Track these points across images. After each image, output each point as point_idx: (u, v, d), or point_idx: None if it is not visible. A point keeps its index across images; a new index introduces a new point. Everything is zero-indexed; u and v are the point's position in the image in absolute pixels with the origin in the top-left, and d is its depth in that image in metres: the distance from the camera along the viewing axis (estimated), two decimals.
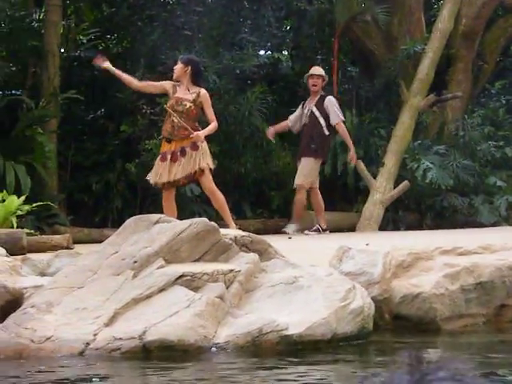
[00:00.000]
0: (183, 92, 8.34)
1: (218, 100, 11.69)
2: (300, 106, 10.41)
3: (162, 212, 7.15)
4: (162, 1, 11.70)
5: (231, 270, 4.74)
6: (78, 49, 12.11)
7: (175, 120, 8.21)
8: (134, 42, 11.78)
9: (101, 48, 12.16)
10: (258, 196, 11.30)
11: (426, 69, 12.11)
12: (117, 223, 10.10)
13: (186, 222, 5.03)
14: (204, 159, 8.28)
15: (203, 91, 8.43)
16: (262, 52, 12.95)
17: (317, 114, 10.14)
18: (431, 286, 5.01)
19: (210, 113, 8.47)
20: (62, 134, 11.11)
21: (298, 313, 4.45)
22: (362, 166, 11.63)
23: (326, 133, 10.19)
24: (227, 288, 4.64)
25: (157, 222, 5.15)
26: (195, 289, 4.55)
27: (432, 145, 12.04)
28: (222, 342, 4.23)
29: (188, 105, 8.27)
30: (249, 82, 10.76)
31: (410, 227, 11.34)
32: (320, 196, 10.12)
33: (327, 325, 4.39)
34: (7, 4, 10.25)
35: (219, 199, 8.53)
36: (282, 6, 12.89)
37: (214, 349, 4.20)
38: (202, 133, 8.34)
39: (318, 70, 10.37)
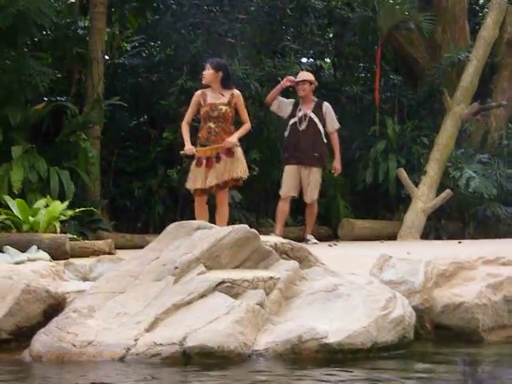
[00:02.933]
0: (216, 97, 8.34)
1: (259, 107, 11.73)
2: (292, 102, 10.21)
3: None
4: (206, 8, 11.77)
5: (271, 277, 4.74)
6: (121, 56, 12.23)
7: (212, 126, 8.22)
8: (177, 49, 11.87)
9: (144, 55, 12.26)
10: (298, 203, 11.29)
11: (469, 77, 12.03)
12: (158, 229, 10.17)
13: (227, 229, 5.04)
14: (239, 167, 8.27)
15: (237, 92, 8.44)
16: (304, 59, 12.96)
17: (316, 120, 10.02)
18: (473, 296, 4.96)
19: (243, 114, 8.48)
20: (106, 140, 11.23)
21: (338, 321, 4.43)
22: (404, 174, 11.58)
23: (325, 141, 10.13)
24: (267, 295, 4.64)
25: (197, 228, 5.18)
26: (235, 295, 4.56)
27: (475, 153, 11.95)
28: (262, 349, 4.23)
29: (224, 108, 8.28)
30: (291, 89, 10.77)
31: (452, 236, 11.26)
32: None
33: (367, 333, 4.37)
34: (53, 11, 10.38)
35: (227, 213, 8.48)
36: (325, 14, 12.89)
37: (253, 356, 4.20)
38: (234, 137, 8.33)
39: (304, 76, 10.24)
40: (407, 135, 12.27)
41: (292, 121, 10.05)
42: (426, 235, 11.33)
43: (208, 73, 8.42)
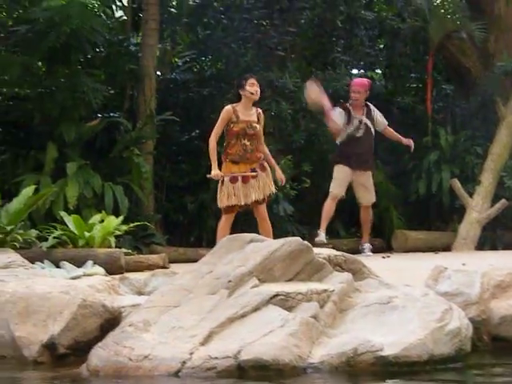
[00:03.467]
0: (247, 114, 8.19)
1: (310, 120, 11.72)
2: (341, 111, 10.24)
3: (254, 231, 7.14)
4: (256, 22, 11.81)
5: (325, 290, 4.73)
6: (173, 71, 12.34)
7: (247, 143, 8.13)
8: (227, 63, 11.93)
9: (195, 70, 12.36)
10: (350, 215, 11.24)
11: None
12: (211, 242, 10.20)
13: (280, 242, 5.04)
14: (271, 182, 8.27)
15: (260, 110, 8.37)
16: (354, 71, 12.93)
17: (370, 125, 10.22)
18: None
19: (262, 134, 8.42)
20: (158, 155, 11.32)
21: (393, 333, 4.39)
22: (457, 184, 11.46)
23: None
24: (321, 308, 4.62)
25: (250, 241, 5.19)
26: (289, 308, 4.55)
27: None
28: (317, 362, 4.22)
29: (257, 127, 8.21)
30: (341, 100, 10.75)
31: (508, 246, 11.09)
32: None
33: (423, 346, 4.32)
34: (105, 29, 10.53)
35: (270, 227, 8.37)
36: (375, 25, 12.84)
37: (308, 369, 4.19)
38: (280, 173, 8.40)
39: (359, 84, 10.37)
40: (460, 145, 12.15)
41: (350, 129, 10.18)
42: (480, 246, 11.18)
43: (258, 89, 8.24)
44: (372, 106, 10.34)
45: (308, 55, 12.44)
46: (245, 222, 10.12)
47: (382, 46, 13.59)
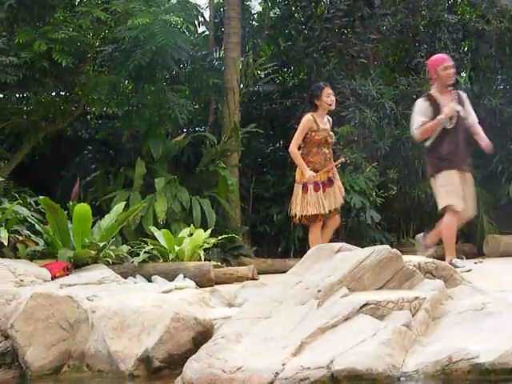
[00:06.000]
0: (324, 122, 8.23)
1: (395, 126, 11.62)
2: (427, 102, 7.74)
3: (342, 240, 7.11)
4: (337, 31, 11.80)
5: (416, 298, 4.67)
6: (256, 83, 12.43)
7: (326, 152, 8.15)
8: (309, 73, 11.94)
9: (278, 81, 12.41)
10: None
11: None
12: (298, 253, 10.21)
13: (369, 250, 5.00)
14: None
15: (330, 118, 8.37)
16: None
17: (462, 114, 7.91)
18: None
19: None
20: (243, 167, 11.40)
21: (489, 340, 4.31)
22: None
23: None
24: (413, 316, 4.57)
25: (338, 250, 5.17)
26: (380, 317, 4.52)
27: None
28: (411, 370, 4.16)
29: (333, 135, 8.26)
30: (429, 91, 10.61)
31: None
32: None
33: None
34: (189, 45, 10.68)
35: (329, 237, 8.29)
36: (459, 28, 12.66)
37: (402, 378, 4.14)
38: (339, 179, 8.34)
39: (448, 58, 8.03)
40: None
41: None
42: None
43: (334, 98, 8.24)
44: (461, 92, 8.26)
45: (391, 61, 12.35)
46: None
47: (466, 49, 13.38)
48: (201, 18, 12.49)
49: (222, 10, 12.89)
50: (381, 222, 11.22)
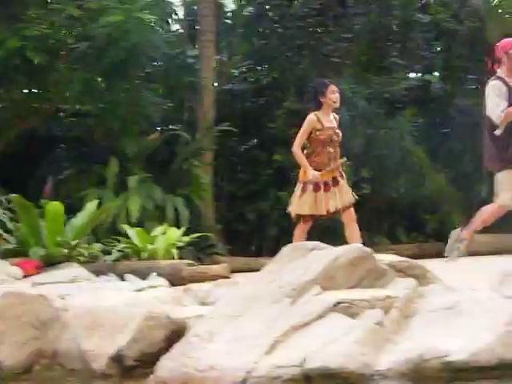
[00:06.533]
0: (330, 120, 8.05)
1: (367, 125, 11.68)
2: (503, 85, 7.06)
3: (315, 239, 7.11)
4: (310, 30, 11.83)
5: (389, 296, 4.69)
6: (230, 82, 12.43)
7: (331, 151, 8.02)
8: (283, 71, 11.96)
9: (252, 80, 12.42)
10: (411, 220, 11.15)
11: None
12: (272, 251, 10.20)
13: (342, 249, 5.02)
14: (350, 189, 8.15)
15: (337, 116, 8.23)
16: (411, 74, 12.85)
17: None
18: None
19: None
20: (217, 165, 11.41)
21: (461, 338, 4.34)
22: None
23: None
24: (385, 314, 4.59)
25: (312, 249, 5.18)
26: (353, 315, 4.53)
27: None
28: (384, 369, 4.19)
29: (340, 133, 8.09)
30: (399, 105, 10.67)
31: None
32: None
33: (492, 350, 4.26)
34: (162, 42, 10.66)
35: (357, 230, 8.23)
36: (431, 28, 12.76)
37: (375, 376, 4.16)
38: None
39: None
40: None
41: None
42: None
43: (338, 96, 8.04)
44: None
45: (363, 61, 12.40)
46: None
47: (438, 49, 13.49)
48: (174, 16, 12.47)
49: (195, 7, 12.86)
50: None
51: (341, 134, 8.07)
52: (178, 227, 8.94)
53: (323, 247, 5.25)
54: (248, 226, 11.55)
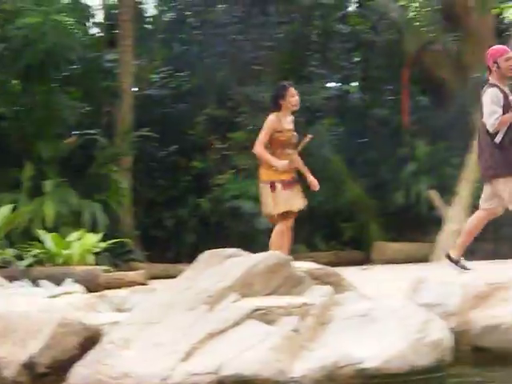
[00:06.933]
0: (288, 122, 8.08)
1: None
2: (499, 91, 7.04)
3: (233, 246, 7.08)
4: (232, 37, 11.85)
5: (305, 304, 4.71)
6: (150, 87, 12.36)
7: (290, 152, 8.02)
8: (204, 78, 11.94)
9: (172, 86, 12.37)
10: (329, 228, 11.26)
11: None
12: (190, 258, 10.16)
13: (260, 256, 5.02)
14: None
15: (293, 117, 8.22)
16: (330, 84, 13.00)
17: None
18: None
19: None
20: (136, 171, 11.31)
21: (374, 346, 4.39)
22: (435, 195, 11.52)
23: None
24: (302, 321, 4.61)
25: (230, 256, 5.17)
26: (270, 322, 4.54)
27: None
28: (298, 376, 4.20)
29: (297, 136, 8.11)
30: (319, 114, 10.77)
31: (487, 257, 11.14)
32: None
33: (404, 357, 4.32)
34: (80, 46, 10.51)
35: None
36: (351, 39, 12.94)
37: (290, 383, 4.17)
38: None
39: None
40: (437, 156, 12.22)
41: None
42: None
43: (298, 98, 8.02)
44: None
45: (284, 69, 12.47)
46: (224, 237, 10.14)
47: (357, 59, 13.69)
48: (94, 20, 12.33)
49: (115, 11, 12.74)
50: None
51: (297, 137, 8.09)
52: (95, 233, 8.82)
53: (241, 254, 5.25)
54: (166, 233, 11.48)
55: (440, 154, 12.23)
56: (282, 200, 7.86)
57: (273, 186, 7.86)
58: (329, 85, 13.00)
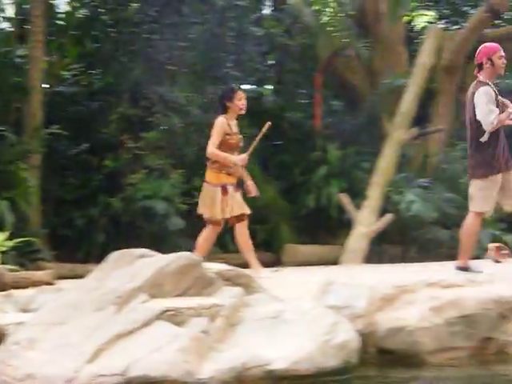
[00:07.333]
0: (235, 125, 8.09)
1: (201, 134, 11.72)
2: (492, 90, 7.13)
3: (145, 246, 7.03)
4: (146, 36, 11.75)
5: (215, 305, 4.71)
6: (61, 84, 12.15)
7: (237, 155, 7.97)
8: (117, 77, 11.81)
9: (84, 83, 12.19)
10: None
11: (408, 103, 12.21)
12: (100, 258, 10.04)
13: (170, 256, 5.00)
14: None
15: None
16: (245, 86, 13.03)
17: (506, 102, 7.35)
18: (416, 320, 4.99)
19: None
20: (46, 169, 11.09)
21: (283, 347, 4.42)
22: (346, 199, 11.67)
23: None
24: (211, 322, 4.61)
25: (140, 256, 5.13)
26: (179, 323, 4.52)
27: (415, 178, 12.11)
28: (206, 377, 4.20)
29: (242, 139, 8.10)
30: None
31: (394, 260, 11.36)
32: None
33: (311, 359, 4.37)
34: None
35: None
36: (265, 41, 13.00)
37: None
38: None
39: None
40: (348, 160, 12.39)
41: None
42: (368, 259, 11.40)
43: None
44: None
45: (198, 70, 12.45)
46: (136, 237, 10.05)
47: (272, 62, 13.76)
48: (4, 14, 12.05)
49: (27, 6, 12.49)
50: (184, 229, 11.26)
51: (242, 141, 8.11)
52: (2, 231, 8.62)
53: (152, 254, 5.22)
54: (76, 232, 11.29)
55: (351, 158, 12.41)
56: (236, 203, 7.85)
57: (225, 190, 7.83)
58: (243, 87, 13.04)
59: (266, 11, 14.55)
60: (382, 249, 11.87)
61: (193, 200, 11.38)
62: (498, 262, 8.91)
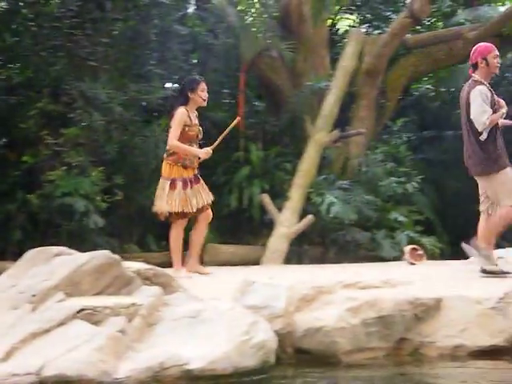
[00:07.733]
0: (195, 117, 8.00)
1: (123, 132, 11.62)
2: (488, 90, 7.19)
3: (63, 244, 6.94)
4: (67, 31, 11.56)
5: (133, 304, 4.68)
6: None
7: (196, 147, 7.91)
8: (37, 71, 11.58)
9: (3, 78, 11.93)
10: (162, 229, 11.19)
11: (330, 105, 12.32)
12: (17, 255, 9.86)
13: (88, 255, 4.95)
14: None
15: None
16: (168, 84, 12.96)
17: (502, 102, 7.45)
18: (333, 320, 5.05)
19: None
20: None
21: (201, 347, 4.42)
22: (267, 199, 11.72)
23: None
24: (129, 322, 4.57)
25: (57, 254, 5.07)
26: (96, 323, 4.48)
27: (336, 180, 12.23)
28: (123, 376, 4.17)
29: (202, 131, 8.04)
30: (155, 113, 10.71)
31: (314, 261, 11.45)
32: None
33: (229, 359, 4.37)
34: None
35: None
36: (189, 40, 12.95)
37: None
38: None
39: None
40: (271, 161, 12.45)
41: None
42: (288, 260, 11.46)
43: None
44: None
45: (121, 67, 12.31)
46: (53, 235, 9.89)
47: (195, 61, 13.71)
48: None
49: None
50: (104, 227, 11.13)
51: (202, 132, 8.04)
52: None
53: (70, 252, 5.15)
54: None
55: (273, 159, 12.47)
56: (178, 200, 7.80)
57: (173, 184, 7.79)
58: (167, 85, 12.96)
59: (190, 10, 14.51)
60: (303, 250, 11.96)
61: (113, 198, 11.30)
62: (412, 264, 9.14)
